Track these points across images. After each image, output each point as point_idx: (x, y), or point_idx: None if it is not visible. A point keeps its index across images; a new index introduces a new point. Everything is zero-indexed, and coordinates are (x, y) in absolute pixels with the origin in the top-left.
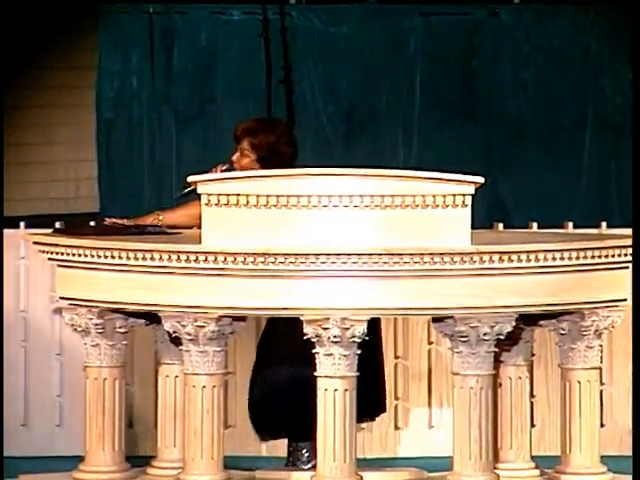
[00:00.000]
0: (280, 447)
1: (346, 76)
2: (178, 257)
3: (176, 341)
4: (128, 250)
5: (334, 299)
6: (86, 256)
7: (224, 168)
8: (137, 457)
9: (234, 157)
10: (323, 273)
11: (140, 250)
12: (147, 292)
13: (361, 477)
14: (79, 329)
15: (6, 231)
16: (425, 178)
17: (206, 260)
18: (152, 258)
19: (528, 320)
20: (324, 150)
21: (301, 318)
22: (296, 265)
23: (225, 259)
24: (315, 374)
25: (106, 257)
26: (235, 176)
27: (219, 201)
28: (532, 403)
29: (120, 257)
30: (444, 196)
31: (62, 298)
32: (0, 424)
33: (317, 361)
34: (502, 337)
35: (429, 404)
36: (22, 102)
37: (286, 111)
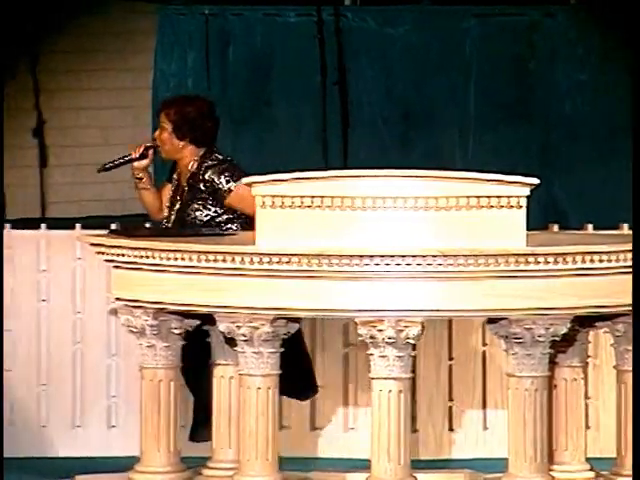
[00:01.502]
0: (336, 448)
1: (401, 77)
2: (233, 258)
3: (231, 342)
4: (184, 252)
5: (388, 301)
6: (141, 257)
7: (148, 145)
8: (192, 458)
9: (155, 133)
10: (377, 275)
11: (195, 252)
12: (202, 293)
13: (415, 478)
14: (134, 330)
15: (62, 232)
16: (480, 179)
17: (260, 262)
18: (207, 260)
19: (583, 322)
20: (380, 151)
21: (355, 319)
22: (350, 266)
23: (279, 260)
24: (370, 376)
25: (161, 259)
26: (289, 178)
27: (273, 203)
28: (587, 405)
29: (176, 259)
30: (499, 197)
31: (118, 299)
32: (0, 424)
33: (371, 362)
34: (557, 338)
35: (483, 406)
36: (78, 104)
37: (341, 112)
